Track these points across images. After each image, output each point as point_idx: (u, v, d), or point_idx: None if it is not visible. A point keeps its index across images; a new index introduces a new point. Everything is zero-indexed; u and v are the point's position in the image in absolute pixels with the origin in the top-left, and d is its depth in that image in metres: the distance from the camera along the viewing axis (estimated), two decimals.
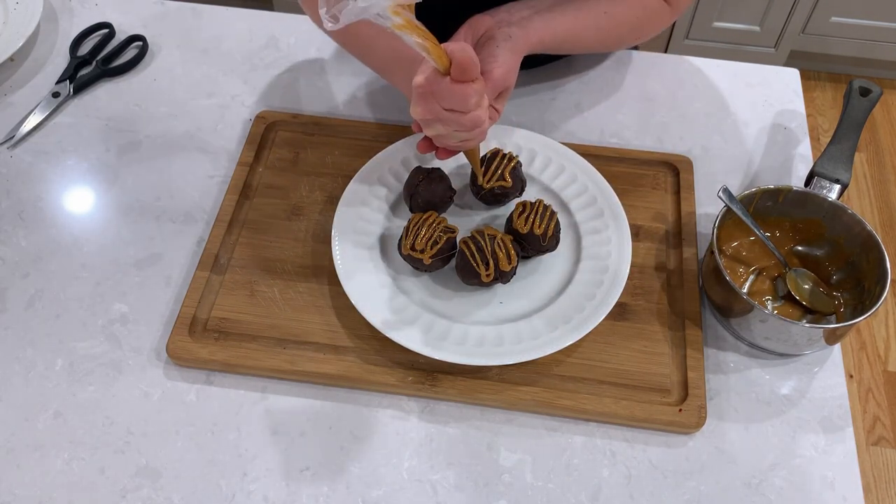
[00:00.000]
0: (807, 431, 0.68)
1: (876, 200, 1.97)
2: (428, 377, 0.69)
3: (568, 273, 0.75)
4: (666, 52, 2.12)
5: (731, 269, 0.76)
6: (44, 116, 0.89)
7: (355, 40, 0.79)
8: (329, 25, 0.53)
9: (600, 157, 0.85)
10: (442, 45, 0.59)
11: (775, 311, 0.73)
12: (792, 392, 0.71)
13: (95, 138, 0.88)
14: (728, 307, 0.72)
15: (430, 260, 0.71)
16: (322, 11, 0.53)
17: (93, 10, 1.01)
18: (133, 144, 0.88)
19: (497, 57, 0.69)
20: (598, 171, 0.80)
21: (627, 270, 0.73)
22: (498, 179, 0.76)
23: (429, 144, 0.72)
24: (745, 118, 0.92)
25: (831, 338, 0.70)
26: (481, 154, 0.77)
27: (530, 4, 0.76)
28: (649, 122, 0.91)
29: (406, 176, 0.79)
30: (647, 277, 0.76)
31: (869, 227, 0.72)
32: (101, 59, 0.95)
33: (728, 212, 0.74)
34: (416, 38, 0.56)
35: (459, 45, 0.60)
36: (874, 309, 0.67)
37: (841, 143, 0.79)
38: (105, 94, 0.93)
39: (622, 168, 0.85)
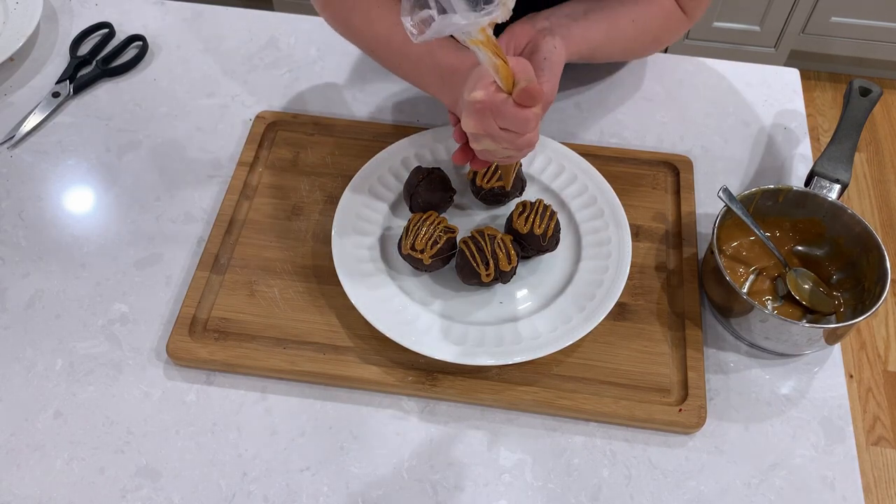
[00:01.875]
0: (807, 431, 0.68)
1: (876, 200, 1.97)
2: (428, 377, 0.69)
3: (568, 273, 0.75)
4: (666, 52, 2.12)
5: (731, 269, 0.76)
6: (44, 116, 0.89)
7: (387, 47, 0.77)
8: (414, 36, 0.53)
9: (600, 157, 0.85)
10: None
11: (775, 311, 0.73)
12: (792, 392, 0.71)
13: (95, 138, 0.88)
14: (728, 307, 0.72)
15: (430, 260, 0.71)
16: (406, 22, 0.53)
17: (93, 10, 1.01)
18: (133, 144, 0.88)
19: (544, 71, 0.69)
20: (598, 171, 0.80)
21: (627, 270, 0.73)
22: (498, 179, 0.76)
23: (465, 156, 0.70)
24: (745, 118, 0.92)
25: (831, 338, 0.70)
26: None
27: (565, 12, 0.75)
28: (649, 122, 0.91)
29: (406, 176, 0.79)
30: (647, 277, 0.76)
31: (869, 227, 0.72)
32: (101, 59, 0.95)
33: (728, 212, 0.74)
34: (490, 56, 0.56)
35: (522, 66, 0.61)
36: (874, 309, 0.67)
37: (841, 143, 0.79)
38: (105, 94, 0.93)
39: (622, 168, 0.85)
